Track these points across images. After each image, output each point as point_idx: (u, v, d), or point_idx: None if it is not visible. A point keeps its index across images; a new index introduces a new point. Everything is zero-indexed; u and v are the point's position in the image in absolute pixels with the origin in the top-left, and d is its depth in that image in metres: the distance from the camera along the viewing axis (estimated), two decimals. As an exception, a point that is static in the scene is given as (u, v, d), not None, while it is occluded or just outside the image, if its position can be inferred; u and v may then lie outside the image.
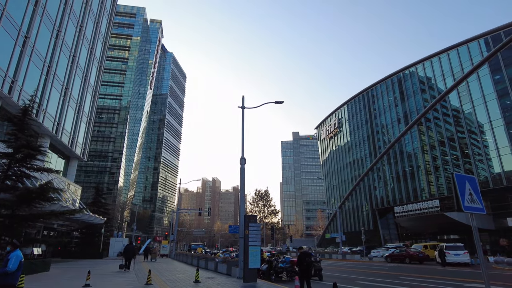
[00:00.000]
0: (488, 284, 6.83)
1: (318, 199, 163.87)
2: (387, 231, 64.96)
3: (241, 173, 17.63)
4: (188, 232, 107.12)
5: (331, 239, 78.51)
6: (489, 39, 46.68)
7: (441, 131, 53.34)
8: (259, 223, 17.21)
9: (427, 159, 55.74)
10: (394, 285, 15.37)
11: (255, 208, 64.00)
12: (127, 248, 23.35)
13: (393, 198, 62.61)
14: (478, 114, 47.11)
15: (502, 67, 44.23)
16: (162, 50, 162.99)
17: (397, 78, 65.29)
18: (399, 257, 33.38)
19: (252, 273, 14.89)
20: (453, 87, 51.29)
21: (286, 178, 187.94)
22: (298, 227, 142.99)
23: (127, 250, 23.18)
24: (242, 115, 18.82)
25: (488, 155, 45.42)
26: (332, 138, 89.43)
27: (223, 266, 20.15)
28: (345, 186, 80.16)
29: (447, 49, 53.46)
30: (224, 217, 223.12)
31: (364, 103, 75.34)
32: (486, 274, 6.94)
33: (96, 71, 47.27)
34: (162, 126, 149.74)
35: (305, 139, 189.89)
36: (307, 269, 11.55)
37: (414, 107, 59.59)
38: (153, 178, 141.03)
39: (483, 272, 6.99)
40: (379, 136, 69.10)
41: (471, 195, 7.33)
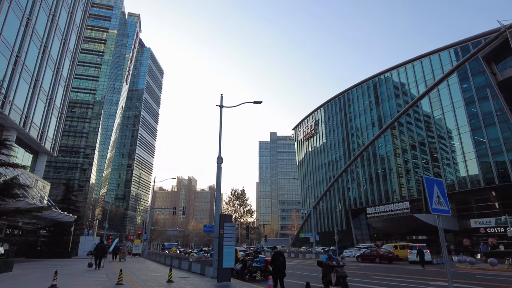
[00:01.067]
0: (451, 282, 7.18)
1: (294, 199, 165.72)
2: (360, 232, 66.62)
3: (217, 172, 17.54)
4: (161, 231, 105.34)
5: (305, 238, 79.60)
6: (459, 49, 48.91)
7: (412, 135, 55.32)
8: (234, 223, 17.13)
9: (399, 162, 57.65)
10: (365, 284, 15.80)
11: (231, 208, 63.93)
12: (98, 246, 23.33)
13: (365, 199, 64.29)
14: (447, 120, 49.25)
15: (469, 77, 46.44)
16: (140, 44, 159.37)
17: (372, 83, 67.09)
18: (370, 257, 34.31)
19: (226, 273, 14.85)
20: (425, 94, 53.33)
21: (263, 178, 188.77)
22: (273, 226, 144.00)
23: (98, 248, 23.20)
24: (220, 114, 18.73)
25: (455, 159, 47.57)
26: (308, 139, 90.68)
27: (197, 266, 19.97)
28: (320, 187, 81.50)
29: (420, 56, 55.51)
30: (199, 216, 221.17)
31: (340, 106, 76.88)
32: (450, 273, 7.28)
33: (69, 63, 45.51)
34: (137, 122, 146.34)
35: (282, 139, 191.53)
36: (281, 268, 11.66)
37: (388, 111, 61.45)
38: (126, 176, 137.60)
39: (447, 271, 7.33)
40: (354, 138, 70.75)
41: (439, 198, 7.65)
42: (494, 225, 41.59)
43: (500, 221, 39.21)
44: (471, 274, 20.66)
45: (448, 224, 44.94)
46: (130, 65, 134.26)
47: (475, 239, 43.78)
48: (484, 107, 44.30)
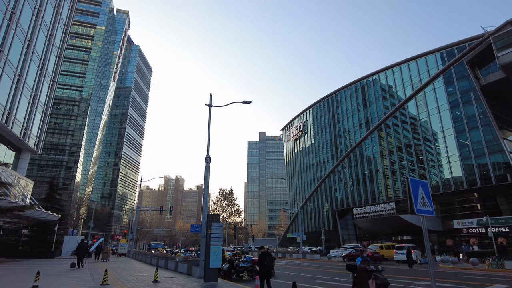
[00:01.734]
0: (434, 282, 7.34)
1: (282, 199, 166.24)
2: (346, 232, 67.30)
3: (205, 172, 17.46)
4: (148, 231, 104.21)
5: (292, 238, 79.97)
6: (444, 53, 49.93)
7: (399, 137, 56.19)
8: (222, 223, 17.09)
9: (385, 164, 58.48)
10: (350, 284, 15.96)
11: (218, 208, 63.70)
12: (80, 246, 23.39)
13: (352, 200, 64.98)
14: (433, 123, 50.21)
15: (454, 81, 47.47)
16: (128, 42, 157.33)
17: (360, 85, 67.87)
18: (356, 257, 34.62)
19: (213, 273, 14.81)
20: (411, 96, 54.25)
21: (251, 178, 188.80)
22: (260, 226, 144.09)
23: (80, 248, 23.27)
24: (209, 113, 18.64)
25: (440, 161, 48.55)
26: (297, 140, 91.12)
27: (184, 266, 19.86)
28: (308, 187, 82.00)
29: (407, 60, 56.42)
30: (187, 216, 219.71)
31: (328, 107, 77.50)
32: (433, 273, 7.44)
33: (55, 59, 44.53)
34: (124, 120, 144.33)
35: (271, 139, 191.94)
36: (268, 268, 11.68)
37: (375, 113, 62.26)
38: (112, 174, 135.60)
39: (430, 270, 7.48)
40: (342, 139, 71.43)
41: (423, 199, 7.80)
42: (476, 226, 42.60)
43: (481, 221, 40.18)
44: (454, 273, 21.13)
45: (432, 224, 45.86)
46: (118, 62, 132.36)
47: (458, 239, 44.77)
48: (468, 111, 45.35)
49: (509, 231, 39.74)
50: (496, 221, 39.11)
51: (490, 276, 19.41)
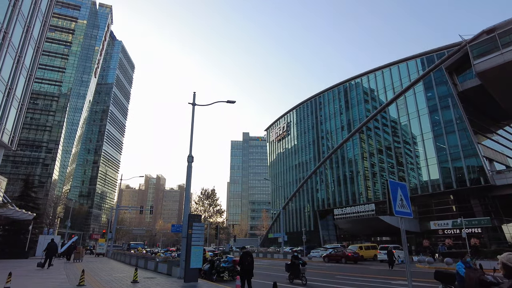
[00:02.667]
0: (410, 281, 7.52)
1: (264, 199, 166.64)
2: (327, 232, 68.10)
3: (187, 171, 17.28)
4: (127, 230, 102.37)
5: (274, 239, 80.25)
6: (425, 59, 51.35)
7: (380, 140, 57.36)
8: (203, 223, 16.98)
9: (366, 165, 59.56)
10: (331, 284, 16.18)
11: (200, 208, 63.16)
12: (50, 245, 23.11)
13: (333, 201, 65.83)
14: (413, 127, 51.53)
15: (433, 86, 48.88)
16: (111, 37, 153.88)
17: (343, 88, 68.87)
18: (336, 257, 35.18)
19: (193, 273, 14.69)
20: (392, 100, 55.48)
21: (234, 178, 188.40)
22: (242, 226, 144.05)
23: (49, 247, 23.01)
24: (192, 112, 18.46)
25: (419, 164, 49.86)
26: (280, 140, 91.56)
27: (164, 266, 19.63)
28: (290, 188, 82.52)
29: (389, 64, 57.70)
30: (167, 216, 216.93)
31: (311, 109, 78.26)
32: (410, 272, 7.61)
33: (32, 52, 42.98)
34: (105, 117, 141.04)
35: (254, 140, 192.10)
36: (249, 268, 11.67)
37: (357, 116, 63.32)
38: (92, 172, 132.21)
39: (407, 270, 7.65)
40: (324, 141, 72.28)
41: (402, 201, 7.97)
42: (451, 227, 43.99)
43: (456, 223, 41.52)
44: (430, 273, 21.68)
45: (410, 225, 47.05)
46: (99, 57, 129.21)
47: (434, 240, 46.08)
48: (445, 115, 46.80)
49: (481, 232, 41.31)
50: (470, 222, 40.52)
51: (464, 276, 20.00)
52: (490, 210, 41.93)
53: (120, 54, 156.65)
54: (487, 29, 40.30)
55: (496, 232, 40.97)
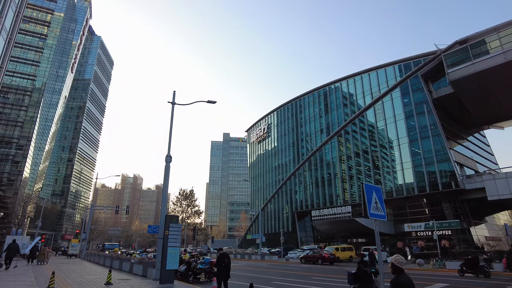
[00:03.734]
0: (383, 281, 7.76)
1: (243, 200, 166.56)
2: (304, 234, 68.85)
3: (165, 171, 17.07)
4: (102, 230, 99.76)
5: (252, 240, 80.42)
6: (402, 66, 52.97)
7: (357, 143, 58.63)
8: (180, 224, 16.82)
9: (344, 168, 60.70)
10: (306, 285, 16.39)
11: (178, 208, 62.40)
12: (10, 246, 22.68)
13: (311, 203, 66.67)
14: (389, 131, 53.00)
15: (410, 92, 50.49)
16: (89, 32, 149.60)
17: (323, 92, 69.95)
18: (313, 258, 35.61)
19: (169, 274, 14.54)
20: (370, 105, 56.86)
21: (213, 179, 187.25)
22: (221, 228, 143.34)
23: (10, 248, 22.58)
24: (172, 111, 18.26)
25: (394, 168, 51.31)
26: (260, 142, 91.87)
27: (139, 267, 19.31)
28: (269, 189, 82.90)
29: (368, 70, 59.13)
30: (144, 216, 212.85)
31: (292, 112, 79.00)
32: (383, 273, 7.85)
33: (3, 43, 41.15)
34: (81, 114, 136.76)
35: (235, 140, 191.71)
36: (226, 270, 11.67)
37: (336, 119, 64.48)
38: (66, 171, 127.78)
39: (381, 271, 7.89)
40: (303, 143, 73.12)
41: (376, 204, 8.21)
42: (424, 229, 45.51)
43: (428, 225, 43.01)
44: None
45: (385, 228, 48.30)
46: (77, 52, 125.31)
47: (408, 241, 47.44)
48: (421, 121, 48.43)
49: (451, 234, 43.02)
50: (441, 224, 42.05)
51: (433, 275, 20.81)
52: (460, 213, 43.69)
53: (98, 49, 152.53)
54: (460, 40, 42.02)
55: (464, 234, 42.76)
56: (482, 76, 38.73)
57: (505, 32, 37.21)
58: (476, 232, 44.46)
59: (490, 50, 38.31)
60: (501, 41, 37.33)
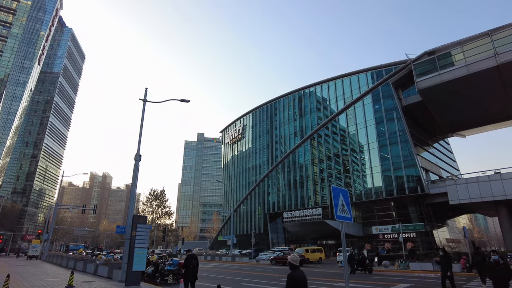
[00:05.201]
0: (348, 282, 7.93)
1: (216, 201, 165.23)
2: (276, 235, 69.32)
3: (134, 170, 16.63)
4: (67, 230, 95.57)
5: (223, 241, 79.90)
6: (374, 73, 54.69)
7: (329, 147, 59.83)
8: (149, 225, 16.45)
9: (316, 171, 61.74)
10: (275, 287, 16.46)
11: (148, 209, 60.87)
12: None
13: (283, 204, 67.26)
14: (360, 136, 54.49)
15: (381, 99, 52.19)
16: (60, 23, 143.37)
17: (298, 95, 70.92)
18: (283, 259, 35.89)
19: (135, 276, 14.15)
20: (343, 110, 58.24)
21: (186, 179, 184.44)
22: (192, 229, 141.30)
23: None
24: (143, 109, 17.84)
25: (364, 172, 52.79)
26: (235, 143, 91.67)
27: (104, 269, 18.71)
28: (242, 190, 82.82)
29: (342, 75, 60.56)
30: (113, 216, 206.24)
31: (267, 114, 79.47)
32: (347, 274, 8.02)
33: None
34: (48, 108, 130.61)
35: (209, 141, 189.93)
36: (193, 271, 11.53)
37: (309, 123, 65.53)
38: (29, 167, 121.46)
39: (345, 272, 8.05)
40: (278, 146, 73.72)
41: (343, 206, 8.37)
42: (390, 232, 47.11)
43: (395, 228, 44.53)
44: (367, 275, 23.01)
45: (354, 230, 49.57)
46: (45, 43, 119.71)
47: (375, 244, 48.93)
48: (390, 127, 50.17)
49: (416, 236, 44.81)
50: (407, 227, 43.68)
51: (398, 276, 21.54)
52: (424, 216, 45.61)
53: (69, 42, 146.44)
54: (428, 51, 43.96)
55: (428, 236, 44.67)
56: (448, 86, 40.68)
57: (468, 46, 39.31)
58: (438, 235, 46.64)
59: (455, 62, 40.31)
60: (464, 55, 39.39)
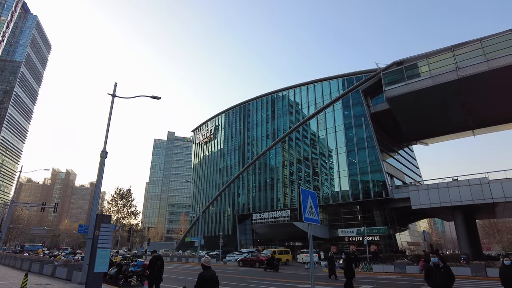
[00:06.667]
0: (313, 284, 8.02)
1: (185, 202, 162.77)
2: (244, 237, 69.29)
3: (99, 168, 15.99)
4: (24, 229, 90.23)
5: (191, 242, 78.78)
6: (345, 80, 56.23)
7: (300, 150, 60.76)
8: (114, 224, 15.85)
9: (286, 173, 62.44)
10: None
11: (113, 208, 58.95)
12: None
13: (253, 206, 67.41)
14: (329, 141, 55.77)
15: (351, 106, 53.73)
16: (24, 9, 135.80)
17: (271, 98, 71.48)
18: (250, 261, 35.90)
19: (96, 278, 13.54)
20: (314, 115, 59.37)
21: (154, 178, 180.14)
22: (159, 230, 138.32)
23: None
24: (111, 104, 17.20)
25: (332, 175, 54.04)
26: (207, 143, 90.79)
27: (63, 270, 17.81)
28: (212, 191, 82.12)
29: (314, 81, 61.74)
30: (75, 215, 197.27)
31: (240, 115, 79.42)
32: (313, 276, 8.11)
33: None
34: (7, 99, 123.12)
35: (180, 140, 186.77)
36: (158, 273, 11.26)
37: (281, 126, 66.23)
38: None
39: (311, 274, 8.14)
40: (249, 147, 73.83)
41: (311, 208, 8.47)
42: (355, 235, 48.54)
43: (360, 231, 45.94)
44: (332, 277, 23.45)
45: (321, 232, 50.57)
46: (6, 30, 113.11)
47: (340, 246, 50.15)
48: (358, 133, 51.73)
49: (379, 239, 46.43)
50: (371, 230, 45.19)
51: (362, 278, 22.12)
52: (388, 220, 47.40)
53: (33, 30, 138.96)
54: (397, 61, 45.79)
55: (390, 239, 46.45)
56: (414, 96, 42.56)
57: (433, 59, 41.37)
58: (400, 238, 48.63)
59: (421, 74, 42.27)
60: (429, 67, 41.42)
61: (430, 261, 9.18)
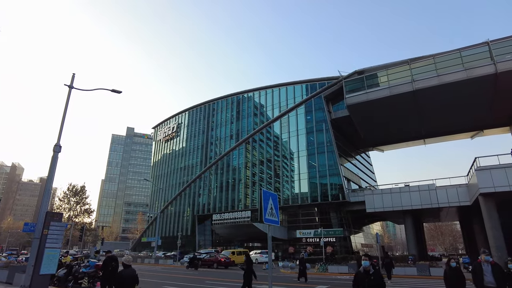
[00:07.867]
0: (271, 284, 8.20)
1: (142, 201, 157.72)
2: (203, 237, 68.60)
3: (52, 162, 15.05)
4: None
5: (147, 243, 76.49)
6: (309, 86, 57.79)
7: (263, 152, 61.42)
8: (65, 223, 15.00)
9: (248, 174, 62.79)
10: (198, 289, 16.23)
11: (65, 205, 55.64)
12: None
13: (213, 206, 66.95)
14: (291, 144, 56.98)
15: (313, 111, 55.32)
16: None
17: (236, 99, 71.56)
18: (208, 262, 35.66)
19: (42, 280, 12.70)
20: (278, 118, 60.34)
21: (110, 176, 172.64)
22: (114, 229, 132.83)
23: None
24: (68, 96, 16.26)
25: (293, 178, 55.23)
26: (168, 141, 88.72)
27: (3, 273, 16.57)
28: (172, 191, 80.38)
29: (280, 84, 62.79)
30: (21, 212, 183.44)
31: (204, 114, 78.60)
32: (271, 277, 8.30)
33: None
34: None
35: (140, 136, 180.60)
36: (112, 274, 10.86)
37: (245, 127, 66.53)
38: None
39: (269, 275, 8.32)
40: (212, 147, 73.29)
41: (272, 210, 8.65)
42: (313, 236, 49.97)
43: (317, 232, 47.36)
44: (290, 277, 23.98)
45: (280, 233, 51.46)
46: None
47: (298, 247, 51.35)
48: (319, 138, 53.38)
49: (335, 241, 48.17)
50: (328, 232, 46.72)
51: (317, 278, 22.85)
52: (344, 222, 49.32)
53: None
54: (358, 70, 47.85)
55: (346, 241, 48.39)
56: (372, 104, 44.69)
57: (391, 70, 43.77)
58: (355, 240, 50.82)
59: (380, 83, 44.52)
60: (388, 77, 43.76)
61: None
